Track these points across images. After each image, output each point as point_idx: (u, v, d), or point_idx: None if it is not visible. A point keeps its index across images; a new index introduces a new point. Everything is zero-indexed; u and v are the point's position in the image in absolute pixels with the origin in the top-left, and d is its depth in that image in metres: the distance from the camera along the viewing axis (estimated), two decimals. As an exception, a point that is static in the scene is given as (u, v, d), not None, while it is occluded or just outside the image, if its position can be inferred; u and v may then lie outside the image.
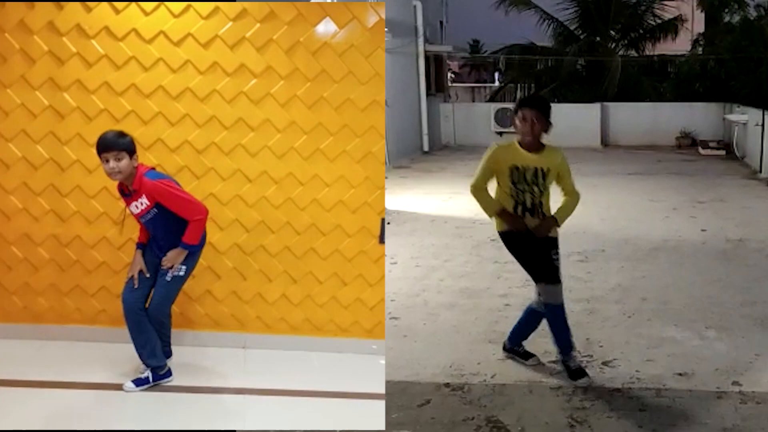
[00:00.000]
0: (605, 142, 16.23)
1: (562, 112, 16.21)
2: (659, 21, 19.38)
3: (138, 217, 4.09)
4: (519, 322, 4.38)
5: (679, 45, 19.84)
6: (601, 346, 4.53)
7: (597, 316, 5.09)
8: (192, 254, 4.16)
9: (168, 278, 4.12)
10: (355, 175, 4.87)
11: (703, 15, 19.58)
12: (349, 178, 4.87)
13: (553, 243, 4.10)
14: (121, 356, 4.53)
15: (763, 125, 11.40)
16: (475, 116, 16.91)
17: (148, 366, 4.20)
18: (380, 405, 4.13)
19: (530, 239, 4.03)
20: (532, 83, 20.10)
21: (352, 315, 5.02)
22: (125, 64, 4.61)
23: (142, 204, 4.01)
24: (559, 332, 4.09)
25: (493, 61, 23.35)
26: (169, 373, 4.27)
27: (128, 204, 4.09)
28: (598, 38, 19.19)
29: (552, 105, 4.18)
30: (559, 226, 4.11)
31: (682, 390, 3.93)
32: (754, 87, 14.95)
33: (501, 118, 16.19)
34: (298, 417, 4.10)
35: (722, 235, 7.45)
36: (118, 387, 4.16)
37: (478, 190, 4.12)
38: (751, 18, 17.59)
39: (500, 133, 16.24)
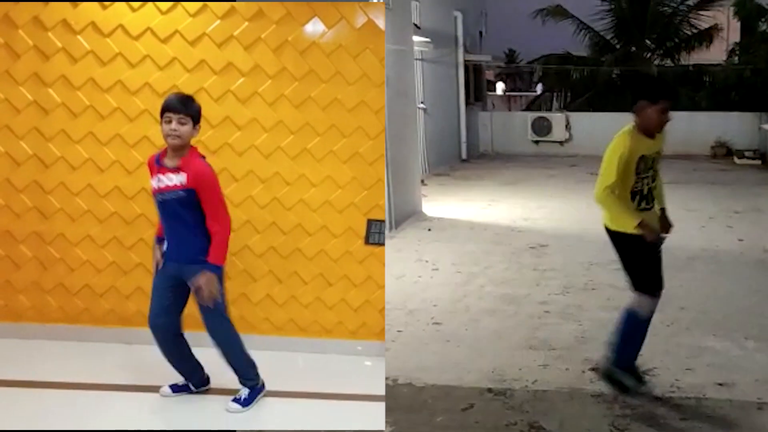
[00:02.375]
0: None
1: (597, 122, 16.35)
2: (695, 31, 19.31)
3: (159, 191, 3.67)
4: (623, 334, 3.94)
5: (715, 54, 19.66)
6: (640, 355, 4.44)
7: None
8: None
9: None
10: (342, 176, 4.86)
11: (738, 24, 19.58)
12: (335, 179, 4.85)
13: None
14: (103, 356, 4.50)
15: None
16: (512, 125, 16.92)
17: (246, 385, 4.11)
18: (366, 406, 4.13)
19: (651, 245, 3.77)
20: (568, 92, 20.17)
21: (336, 316, 4.99)
22: (111, 60, 4.58)
23: (174, 180, 3.63)
24: (629, 342, 3.86)
25: (529, 71, 23.41)
26: (262, 386, 4.18)
27: (156, 173, 3.72)
28: (634, 48, 19.18)
29: (588, 114, 4.06)
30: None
31: (722, 400, 3.89)
32: None
33: (538, 127, 16.29)
34: (282, 417, 4.07)
35: (760, 246, 7.36)
36: (99, 387, 4.12)
37: (609, 197, 3.73)
38: None
39: (537, 142, 16.32)
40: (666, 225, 3.95)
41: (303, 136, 4.79)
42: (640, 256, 3.80)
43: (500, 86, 27.23)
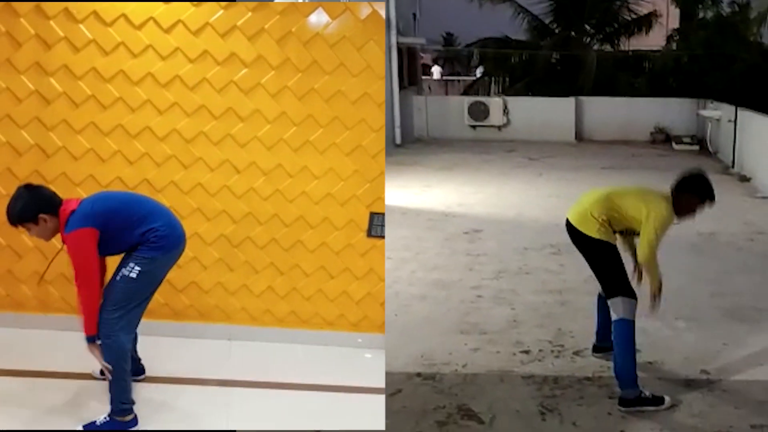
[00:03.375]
0: (579, 137, 16.13)
1: (536, 107, 16.32)
2: (634, 16, 19.28)
3: None
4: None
5: (654, 40, 19.79)
6: (572, 337, 4.60)
7: (569, 307, 5.15)
8: (148, 255, 3.60)
9: (117, 277, 3.61)
10: (345, 168, 4.85)
11: (678, 11, 19.71)
12: (338, 171, 4.85)
13: None
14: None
15: (735, 121, 11.50)
16: (448, 110, 16.65)
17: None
18: (366, 398, 4.16)
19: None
20: (507, 77, 20.02)
21: (338, 308, 5.01)
22: (114, 49, 4.53)
23: None
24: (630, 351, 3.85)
25: (467, 55, 23.17)
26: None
27: None
28: (573, 32, 19.14)
29: (526, 99, 4.08)
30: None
31: (651, 378, 4.00)
32: (727, 83, 15.06)
33: (475, 111, 16.09)
34: (283, 409, 4.10)
35: (694, 229, 7.37)
36: (102, 377, 4.12)
37: (654, 258, 3.86)
38: (725, 14, 17.74)
39: (474, 127, 16.14)
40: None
41: (306, 128, 4.77)
42: (620, 264, 3.89)
43: (437, 70, 26.85)
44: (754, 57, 15.83)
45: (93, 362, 4.11)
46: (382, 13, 4.77)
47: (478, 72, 21.12)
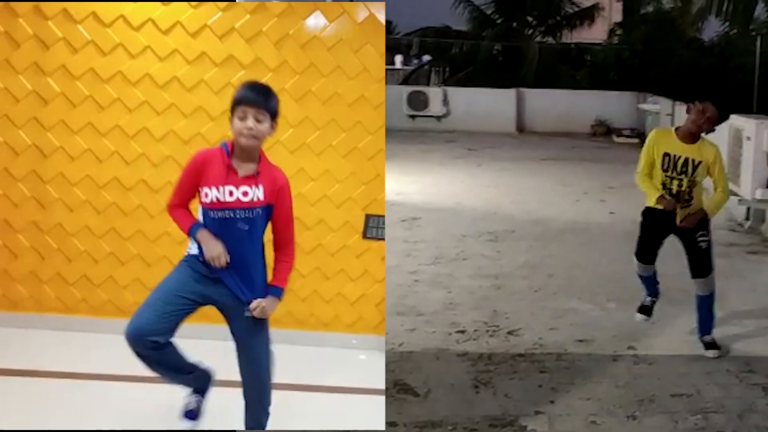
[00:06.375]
0: (521, 128, 16.00)
1: (477, 97, 16.18)
2: (577, 9, 19.26)
3: (227, 207, 3.00)
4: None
5: (596, 34, 19.85)
6: (507, 318, 4.68)
7: (504, 290, 5.23)
8: None
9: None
10: (341, 170, 4.87)
11: (620, 4, 19.84)
12: (334, 173, 4.87)
13: (702, 225, 4.12)
14: (99, 346, 4.50)
15: (672, 115, 11.67)
16: (387, 99, 16.66)
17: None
18: (361, 399, 4.16)
19: (665, 224, 4.14)
20: (447, 67, 19.76)
21: (333, 309, 5.02)
22: (112, 50, 4.56)
23: (250, 194, 3.00)
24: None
25: (406, 44, 22.97)
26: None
27: (224, 181, 2.99)
28: (515, 24, 19.03)
29: (467, 89, 4.17)
30: (707, 217, 4.15)
31: (581, 354, 4.15)
32: (666, 77, 15.20)
33: (414, 101, 15.85)
34: (278, 410, 4.08)
35: (629, 218, 7.55)
36: (96, 377, 4.13)
37: (641, 178, 4.15)
38: (665, 9, 17.85)
39: (413, 117, 16.00)
40: (687, 219, 4.08)
41: (302, 130, 4.79)
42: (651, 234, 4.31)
43: (398, 59, 26.29)
44: (692, 53, 16.10)
45: (94, 365, 4.15)
46: (380, 16, 4.79)
47: (425, 59, 20.99)
